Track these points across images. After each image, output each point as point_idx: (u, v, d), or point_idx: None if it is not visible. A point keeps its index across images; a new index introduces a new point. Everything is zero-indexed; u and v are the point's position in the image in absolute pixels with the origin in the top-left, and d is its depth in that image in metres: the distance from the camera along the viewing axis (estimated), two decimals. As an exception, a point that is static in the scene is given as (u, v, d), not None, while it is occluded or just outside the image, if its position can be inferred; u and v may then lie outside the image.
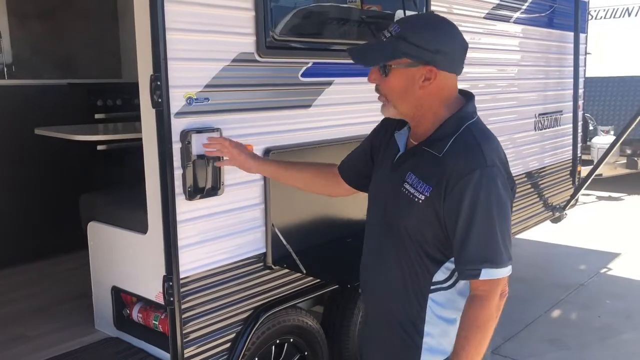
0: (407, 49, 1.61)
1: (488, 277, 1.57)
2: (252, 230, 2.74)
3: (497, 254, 1.58)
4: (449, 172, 1.59)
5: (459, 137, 1.63)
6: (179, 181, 2.38)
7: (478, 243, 1.57)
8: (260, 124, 2.69)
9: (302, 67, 2.86)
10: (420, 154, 1.68)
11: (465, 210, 1.56)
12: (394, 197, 1.72)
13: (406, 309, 1.74)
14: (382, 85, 1.72)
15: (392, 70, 1.66)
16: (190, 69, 2.38)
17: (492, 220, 1.57)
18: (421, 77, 1.63)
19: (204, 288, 2.56)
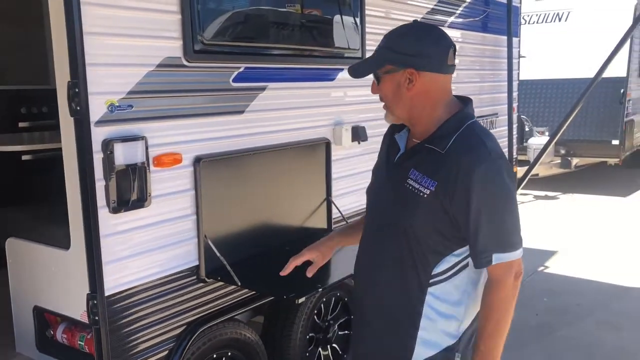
0: (389, 56, 1.75)
1: (499, 261, 1.67)
2: (184, 243, 2.63)
3: (507, 241, 1.69)
4: (455, 167, 1.66)
5: (461, 134, 1.71)
6: (101, 193, 2.25)
7: (489, 233, 1.66)
8: (189, 131, 2.58)
9: (234, 72, 2.77)
10: (422, 152, 1.75)
11: (475, 204, 1.64)
12: (396, 194, 1.78)
13: (405, 303, 1.79)
14: (380, 93, 1.83)
15: (382, 78, 1.78)
16: (111, 74, 2.26)
17: (501, 210, 1.68)
18: (405, 80, 1.73)
19: (133, 305, 2.43)
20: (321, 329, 3.57)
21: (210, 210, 2.69)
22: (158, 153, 2.45)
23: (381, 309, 1.86)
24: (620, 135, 9.23)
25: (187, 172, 2.60)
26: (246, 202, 2.93)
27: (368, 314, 1.92)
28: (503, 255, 1.68)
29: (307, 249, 2.16)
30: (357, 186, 3.71)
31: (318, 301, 3.46)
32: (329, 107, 3.42)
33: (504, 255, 1.68)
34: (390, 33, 1.82)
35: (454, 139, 1.70)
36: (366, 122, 3.69)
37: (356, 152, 3.66)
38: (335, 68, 3.44)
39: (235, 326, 2.98)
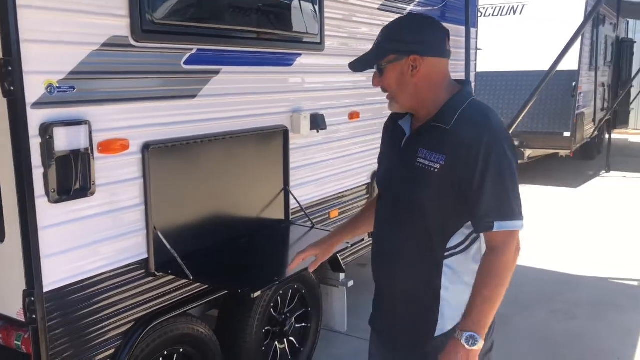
0: (391, 46, 1.82)
1: (501, 229, 1.71)
2: (132, 235, 2.47)
3: (509, 208, 1.73)
4: (459, 140, 1.73)
5: (464, 110, 1.78)
6: (39, 182, 2.08)
7: (491, 199, 1.71)
8: (136, 116, 2.43)
9: (185, 54, 2.62)
10: (428, 130, 1.82)
11: (478, 172, 1.70)
12: (408, 173, 1.83)
13: (424, 278, 1.85)
14: (382, 84, 1.88)
15: (385, 69, 1.84)
16: (50, 53, 2.08)
17: (502, 179, 1.72)
18: (409, 67, 1.80)
19: (75, 301, 2.27)
20: (278, 322, 3.47)
21: (159, 200, 2.54)
22: (103, 139, 2.29)
23: (403, 287, 1.91)
24: (571, 127, 9.41)
25: (134, 160, 2.44)
26: (199, 192, 2.79)
27: (390, 293, 1.97)
28: (504, 223, 1.72)
29: (310, 245, 2.22)
30: (316, 176, 3.61)
31: (275, 294, 3.35)
32: (286, 93, 3.30)
33: (505, 224, 1.72)
34: (388, 26, 1.89)
35: (458, 115, 1.78)
36: (325, 110, 3.59)
37: (315, 141, 3.55)
38: (293, 53, 3.32)
39: (187, 321, 2.85)
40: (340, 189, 3.87)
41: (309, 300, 3.66)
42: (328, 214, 3.76)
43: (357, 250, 4.14)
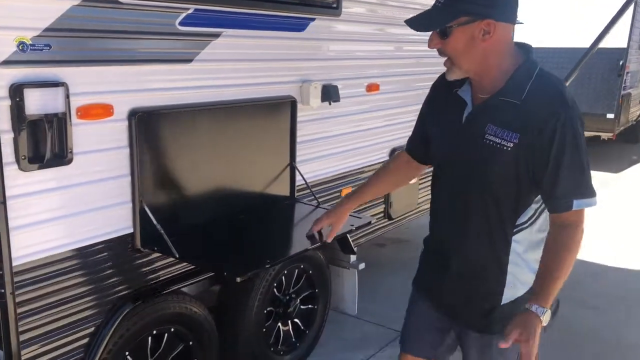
0: (465, 7, 1.68)
1: (579, 207, 1.71)
2: (115, 207, 2.31)
3: (586, 187, 1.72)
4: (534, 117, 1.67)
5: (534, 83, 1.71)
6: (9, 148, 1.93)
7: (569, 178, 1.69)
8: (122, 80, 2.24)
9: (181, 14, 2.41)
10: (496, 105, 1.74)
11: (556, 150, 1.67)
12: (476, 150, 1.77)
13: (493, 255, 1.85)
14: (445, 47, 1.75)
15: (453, 31, 1.71)
16: (23, 6, 1.91)
17: (579, 157, 1.69)
18: (481, 32, 1.69)
19: (50, 276, 2.13)
20: (281, 303, 3.31)
21: (147, 172, 2.37)
22: (83, 103, 2.12)
23: (470, 262, 1.91)
24: (616, 108, 8.91)
25: (120, 126, 2.26)
26: (193, 164, 2.61)
27: (457, 268, 1.95)
28: (582, 201, 1.72)
29: (325, 214, 2.31)
30: (326, 151, 3.39)
31: (278, 274, 3.18)
32: (296, 61, 3.07)
33: (583, 202, 1.72)
34: None
35: (529, 89, 1.70)
36: (340, 80, 3.34)
37: (326, 114, 3.32)
38: (305, 17, 3.07)
39: (179, 300, 2.70)
40: (355, 166, 3.64)
41: (316, 281, 3.48)
42: (340, 192, 3.55)
43: (371, 232, 3.93)
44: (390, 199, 4.08)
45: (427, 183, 4.46)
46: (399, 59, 3.92)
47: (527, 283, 1.86)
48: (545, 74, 1.76)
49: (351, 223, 2.89)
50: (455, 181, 1.90)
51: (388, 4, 3.70)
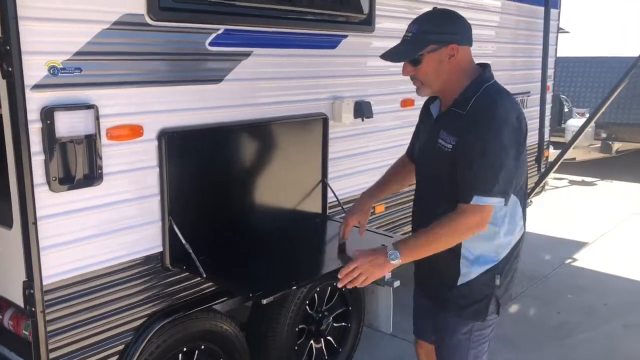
0: (431, 38, 2.02)
1: (476, 202, 1.97)
2: (145, 226, 2.34)
3: (487, 185, 1.96)
4: (467, 124, 1.99)
5: (479, 96, 2.01)
6: (40, 169, 1.97)
7: (475, 174, 1.96)
8: (152, 101, 2.27)
9: (211, 34, 2.43)
10: (449, 115, 2.09)
11: (470, 148, 1.96)
12: (432, 151, 2.14)
13: None
14: (417, 73, 2.08)
15: (424, 59, 2.04)
16: (53, 31, 1.95)
17: (487, 158, 1.95)
18: (447, 56, 2.03)
19: (80, 294, 2.17)
20: (314, 321, 3.28)
21: (177, 191, 2.39)
22: (113, 124, 2.15)
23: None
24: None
25: (149, 147, 2.29)
26: (222, 183, 2.62)
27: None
28: (482, 197, 1.96)
29: (348, 215, 2.54)
30: (359, 167, 3.36)
31: (310, 291, 3.16)
32: (328, 78, 3.05)
33: (481, 198, 1.96)
34: (421, 19, 2.08)
35: (473, 101, 2.01)
36: (373, 96, 3.31)
37: (359, 130, 3.29)
38: (338, 34, 3.06)
39: (209, 317, 2.71)
40: (389, 182, 3.58)
41: (349, 298, 3.44)
42: (373, 209, 3.50)
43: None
44: (426, 215, 4.00)
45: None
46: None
47: (479, 267, 2.14)
48: (491, 89, 2.06)
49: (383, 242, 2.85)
50: (421, 179, 2.30)
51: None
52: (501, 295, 2.18)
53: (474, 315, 2.18)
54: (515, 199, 2.13)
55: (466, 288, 2.16)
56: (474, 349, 2.23)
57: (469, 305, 2.17)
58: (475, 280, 2.15)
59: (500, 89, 2.08)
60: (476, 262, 2.14)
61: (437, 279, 2.25)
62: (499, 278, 2.15)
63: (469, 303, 2.17)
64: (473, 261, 2.14)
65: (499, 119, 1.95)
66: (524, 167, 2.15)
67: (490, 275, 2.14)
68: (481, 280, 2.14)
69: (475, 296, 2.16)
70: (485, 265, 2.14)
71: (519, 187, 2.13)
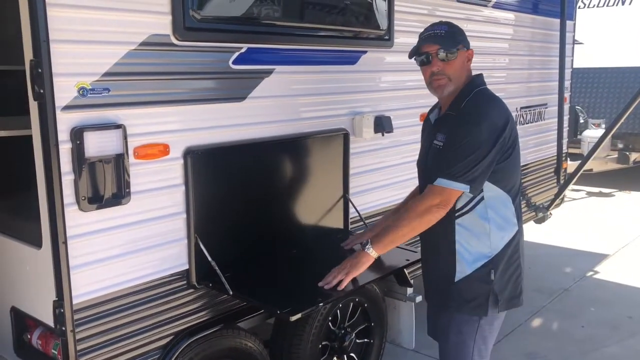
0: (460, 39, 2.26)
1: (439, 184, 2.17)
2: (171, 244, 2.35)
3: (452, 172, 2.14)
4: (455, 124, 2.20)
5: (470, 99, 2.22)
6: (69, 189, 1.99)
7: (445, 160, 2.17)
8: (178, 119, 2.29)
9: (234, 53, 2.46)
10: (445, 118, 2.29)
11: (449, 141, 2.18)
12: (429, 152, 2.32)
13: (442, 235, 2.27)
14: (448, 67, 2.23)
15: (458, 54, 2.23)
16: (82, 53, 1.98)
17: (460, 148, 2.14)
18: (467, 58, 2.29)
19: (109, 313, 2.18)
20: (336, 337, 3.25)
21: (202, 209, 2.40)
22: (140, 143, 2.18)
23: (429, 242, 2.39)
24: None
25: (175, 165, 2.31)
26: (247, 200, 2.63)
27: (424, 254, 2.48)
28: (446, 181, 2.15)
29: (368, 230, 2.78)
30: (380, 182, 3.36)
31: (333, 307, 3.14)
32: (348, 94, 3.07)
33: (445, 182, 2.15)
34: (447, 23, 2.30)
35: (464, 104, 2.22)
36: (393, 111, 3.32)
37: (380, 145, 3.30)
38: (357, 50, 3.08)
39: (234, 334, 2.70)
40: (409, 197, 3.58)
41: (371, 314, 3.42)
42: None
43: (428, 262, 3.85)
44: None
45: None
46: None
47: (473, 262, 2.25)
48: (480, 93, 2.25)
49: (406, 257, 2.84)
50: (422, 181, 2.41)
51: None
52: (500, 291, 2.25)
53: (474, 310, 2.27)
54: (506, 196, 2.25)
55: (464, 284, 2.25)
56: (477, 345, 2.31)
57: (469, 301, 2.26)
58: (471, 275, 2.24)
59: (490, 94, 2.27)
60: (471, 258, 2.24)
61: (437, 277, 2.36)
62: (494, 273, 2.24)
63: (468, 298, 2.26)
64: (468, 258, 2.25)
65: (482, 117, 2.15)
66: (516, 169, 2.30)
67: (486, 271, 2.24)
68: (477, 276, 2.24)
69: (473, 291, 2.25)
70: (480, 261, 2.24)
71: (510, 186, 2.26)
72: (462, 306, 2.28)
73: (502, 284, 2.27)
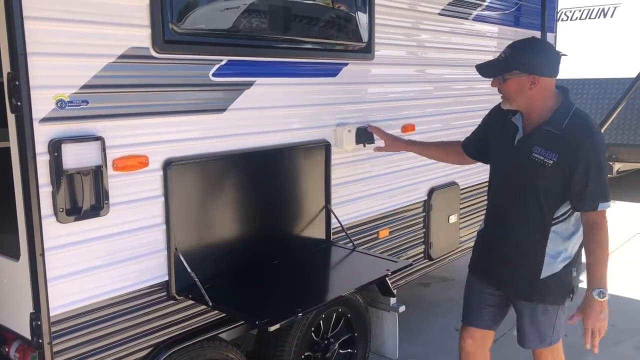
0: (516, 65, 2.40)
1: (602, 208, 2.38)
2: (151, 256, 2.35)
3: (606, 193, 2.38)
4: (569, 143, 2.34)
5: (571, 118, 2.37)
6: (47, 201, 1.99)
7: (595, 187, 2.35)
8: (157, 131, 2.30)
9: (214, 65, 2.48)
10: (541, 133, 2.42)
11: (584, 166, 2.32)
12: (524, 163, 2.46)
13: (535, 239, 2.50)
14: (502, 89, 2.48)
15: (508, 79, 2.43)
16: (61, 66, 1.99)
17: (601, 172, 2.36)
18: (528, 83, 2.39)
19: (87, 325, 2.17)
20: (320, 348, 3.26)
21: (182, 220, 2.41)
22: (119, 155, 2.18)
23: (519, 244, 2.55)
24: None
25: (155, 177, 2.32)
26: (228, 211, 2.64)
27: (507, 250, 2.60)
28: (604, 203, 2.38)
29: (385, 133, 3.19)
30: (362, 193, 3.38)
31: (316, 317, 3.15)
32: (329, 105, 3.09)
33: (605, 204, 2.38)
34: (516, 45, 2.46)
35: (566, 123, 2.37)
36: (374, 122, 3.34)
37: (361, 156, 3.32)
38: (338, 62, 3.11)
39: (215, 346, 2.70)
40: (391, 207, 3.61)
41: (355, 324, 3.43)
42: (377, 234, 3.52)
43: (412, 273, 3.87)
44: (430, 239, 4.02)
45: (467, 223, 4.39)
46: (435, 98, 3.91)
47: (562, 263, 2.50)
48: (579, 112, 2.43)
49: (387, 267, 2.86)
50: (509, 186, 2.56)
51: (420, 45, 3.71)
52: (576, 285, 2.57)
53: (556, 301, 2.55)
54: None
55: (551, 280, 2.51)
56: (557, 327, 2.62)
57: (552, 294, 2.53)
58: (559, 273, 2.51)
59: (584, 112, 2.46)
60: (558, 258, 2.50)
61: (521, 273, 2.56)
62: (575, 270, 2.57)
63: (552, 292, 2.53)
64: (556, 258, 2.50)
65: (598, 136, 2.39)
66: None
67: (569, 269, 2.53)
68: (562, 273, 2.51)
69: (560, 285, 2.53)
70: (565, 262, 2.51)
71: None
72: (546, 298, 2.54)
73: (578, 278, 2.60)
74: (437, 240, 4.09)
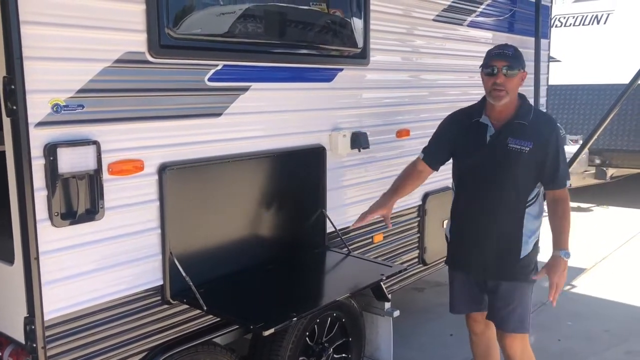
0: (522, 62, 2.75)
1: (567, 186, 2.76)
2: (146, 260, 2.35)
3: (568, 173, 2.80)
4: (539, 133, 2.71)
5: (534, 113, 2.78)
6: (42, 205, 1.99)
7: (563, 170, 2.74)
8: (152, 136, 2.30)
9: (210, 70, 2.49)
10: (513, 125, 2.74)
11: (554, 153, 2.71)
12: (500, 155, 2.74)
13: (513, 222, 2.79)
14: (508, 82, 2.69)
15: (514, 75, 2.70)
16: (56, 70, 2.00)
17: (564, 157, 2.77)
18: (522, 78, 2.76)
19: (82, 329, 2.17)
20: (314, 352, 3.26)
21: (177, 224, 2.41)
22: (115, 159, 2.19)
23: (497, 229, 2.81)
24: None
25: (150, 181, 2.32)
26: (223, 215, 2.64)
27: (489, 237, 2.83)
28: (568, 181, 2.77)
29: (376, 205, 3.01)
30: (357, 197, 3.39)
31: (311, 322, 3.15)
32: (325, 110, 3.11)
33: (568, 182, 2.77)
34: (512, 46, 2.79)
35: (532, 116, 2.75)
36: (369, 127, 3.36)
37: (356, 161, 3.33)
38: (333, 68, 3.12)
39: (210, 350, 2.70)
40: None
41: (349, 329, 3.43)
42: (372, 238, 3.52)
43: (406, 278, 3.88)
44: (424, 244, 4.03)
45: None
46: (429, 104, 3.92)
47: (533, 241, 2.83)
48: (537, 108, 2.94)
49: (382, 272, 2.86)
50: (484, 179, 2.79)
51: (415, 51, 3.73)
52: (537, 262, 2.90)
53: (528, 278, 2.83)
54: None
55: (527, 259, 2.82)
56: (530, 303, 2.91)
57: (530, 272, 2.82)
58: (531, 251, 2.82)
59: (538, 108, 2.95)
60: (532, 237, 2.81)
61: (502, 257, 2.83)
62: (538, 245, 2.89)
63: (530, 270, 2.82)
64: (530, 237, 2.81)
65: (559, 128, 2.82)
66: None
67: (537, 246, 2.87)
68: (534, 251, 2.84)
69: (532, 263, 2.84)
70: (536, 238, 2.85)
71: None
72: (527, 276, 2.81)
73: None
74: (431, 245, 4.10)
